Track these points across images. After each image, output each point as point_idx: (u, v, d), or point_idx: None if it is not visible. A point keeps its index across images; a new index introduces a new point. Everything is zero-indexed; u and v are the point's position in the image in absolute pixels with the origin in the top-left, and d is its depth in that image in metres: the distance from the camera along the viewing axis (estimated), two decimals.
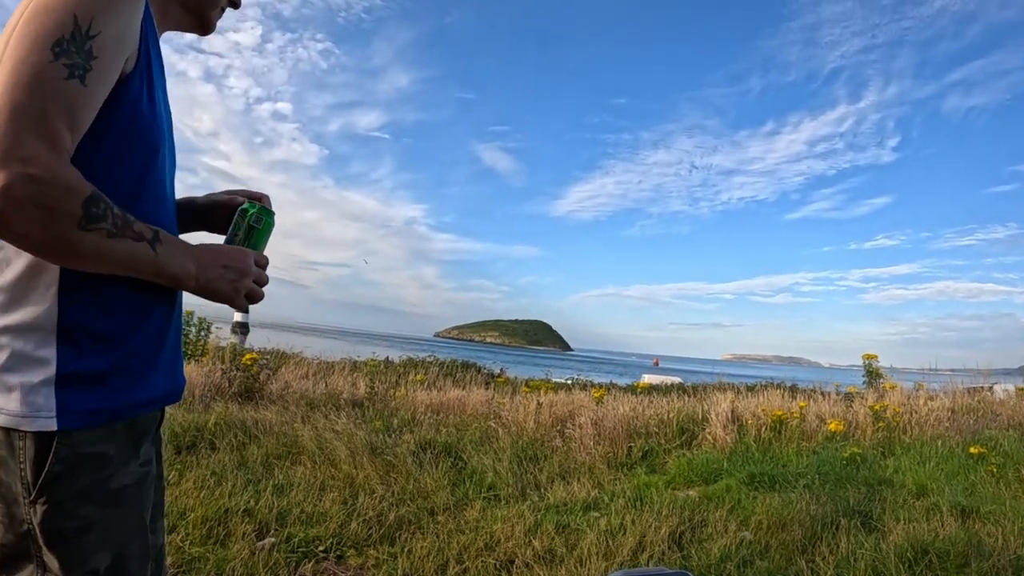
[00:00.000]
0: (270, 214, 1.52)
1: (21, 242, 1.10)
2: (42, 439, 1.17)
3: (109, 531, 1.25)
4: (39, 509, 1.18)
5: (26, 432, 1.17)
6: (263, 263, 1.48)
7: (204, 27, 1.57)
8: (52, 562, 1.20)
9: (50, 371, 1.19)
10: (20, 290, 1.20)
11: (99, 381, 1.24)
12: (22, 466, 1.17)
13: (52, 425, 1.17)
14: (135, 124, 1.26)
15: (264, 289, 1.46)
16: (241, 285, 1.41)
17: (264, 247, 1.52)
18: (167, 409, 1.60)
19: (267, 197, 1.64)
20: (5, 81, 1.06)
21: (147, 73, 1.28)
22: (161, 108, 1.35)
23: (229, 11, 1.61)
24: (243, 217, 1.48)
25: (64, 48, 1.09)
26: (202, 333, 12.81)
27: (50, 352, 1.19)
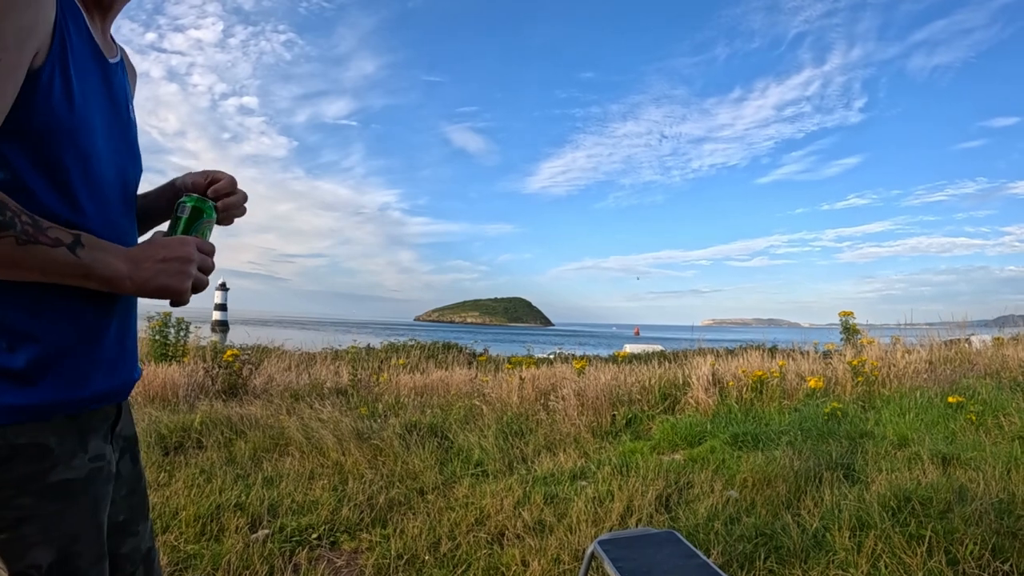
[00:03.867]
0: (205, 203, 1.44)
1: None
2: None
3: (50, 525, 1.21)
4: None
5: None
6: (207, 249, 1.38)
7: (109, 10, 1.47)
8: None
9: None
10: None
11: (27, 379, 1.19)
12: None
13: None
14: (52, 121, 1.19)
15: (242, 285, 1.37)
16: (185, 275, 1.30)
17: (205, 235, 1.44)
18: (153, 412, 1.57)
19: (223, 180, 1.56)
20: None
21: (61, 65, 1.22)
22: (90, 102, 1.30)
23: (189, 9, 1.55)
24: (175, 210, 1.42)
25: None
26: (181, 334, 12.70)
27: None
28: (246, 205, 1.61)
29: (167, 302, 1.33)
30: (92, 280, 1.20)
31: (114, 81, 1.42)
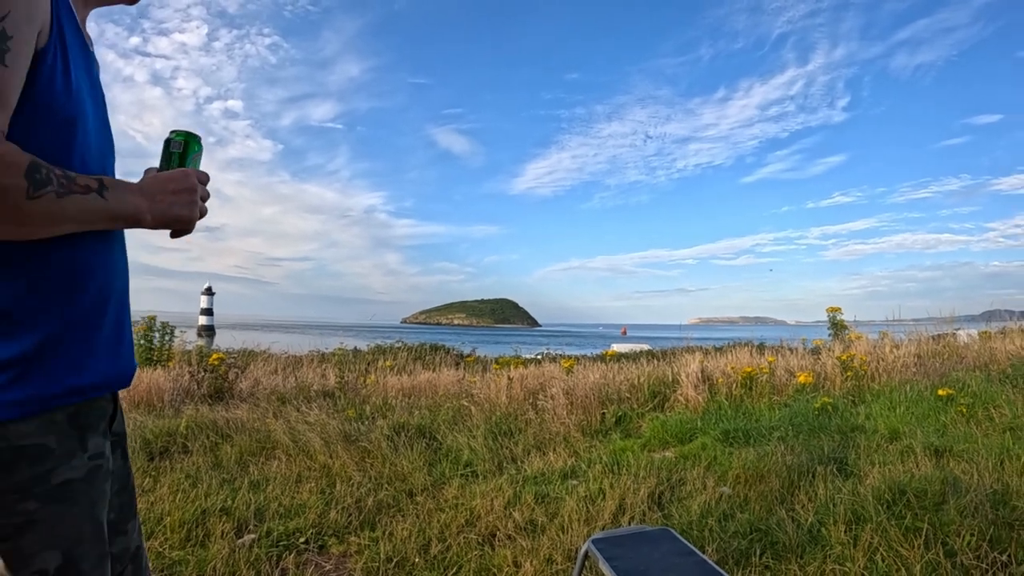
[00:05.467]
0: (194, 137, 1.49)
1: None
2: None
3: (55, 528, 1.18)
4: None
5: None
6: (204, 179, 1.45)
7: None
8: None
9: None
10: None
11: (29, 368, 1.18)
12: None
13: None
14: (50, 99, 1.20)
15: (228, 289, 1.39)
16: (194, 204, 1.38)
17: (197, 166, 1.50)
18: (138, 417, 1.53)
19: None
20: None
21: (61, 49, 1.24)
22: (82, 85, 1.30)
23: (173, 13, 1.55)
24: (168, 146, 1.46)
25: None
26: (167, 338, 12.59)
27: None
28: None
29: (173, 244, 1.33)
30: (119, 220, 1.27)
31: (95, 71, 1.41)
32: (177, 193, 1.35)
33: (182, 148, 1.46)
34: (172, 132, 1.48)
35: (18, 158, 1.08)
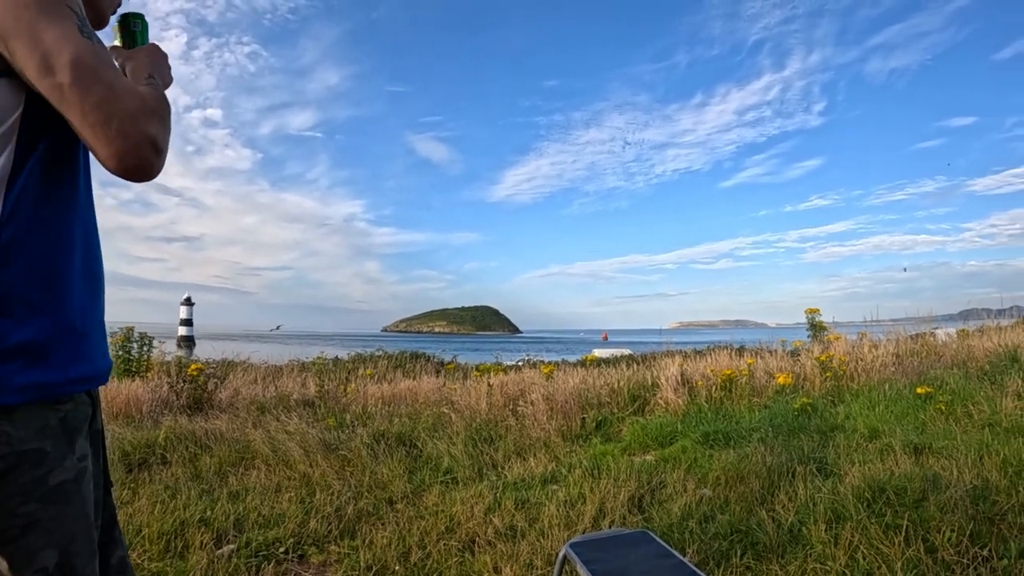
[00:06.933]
0: (141, 16, 1.68)
1: (162, 155, 1.23)
2: None
3: (53, 528, 1.24)
4: None
5: None
6: None
7: (100, 24, 1.62)
8: (1, 564, 1.20)
9: None
10: None
11: (39, 354, 1.23)
12: None
13: None
14: None
15: (208, 299, 1.47)
16: (171, 70, 1.63)
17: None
18: (116, 429, 1.58)
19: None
20: (80, 76, 1.14)
21: None
22: None
23: (152, 21, 1.72)
24: (128, 25, 1.66)
25: (84, 31, 1.21)
26: (145, 349, 12.42)
27: None
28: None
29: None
30: None
31: None
32: (163, 64, 1.58)
33: (140, 27, 1.67)
34: (125, 13, 1.67)
35: (156, 91, 1.30)
